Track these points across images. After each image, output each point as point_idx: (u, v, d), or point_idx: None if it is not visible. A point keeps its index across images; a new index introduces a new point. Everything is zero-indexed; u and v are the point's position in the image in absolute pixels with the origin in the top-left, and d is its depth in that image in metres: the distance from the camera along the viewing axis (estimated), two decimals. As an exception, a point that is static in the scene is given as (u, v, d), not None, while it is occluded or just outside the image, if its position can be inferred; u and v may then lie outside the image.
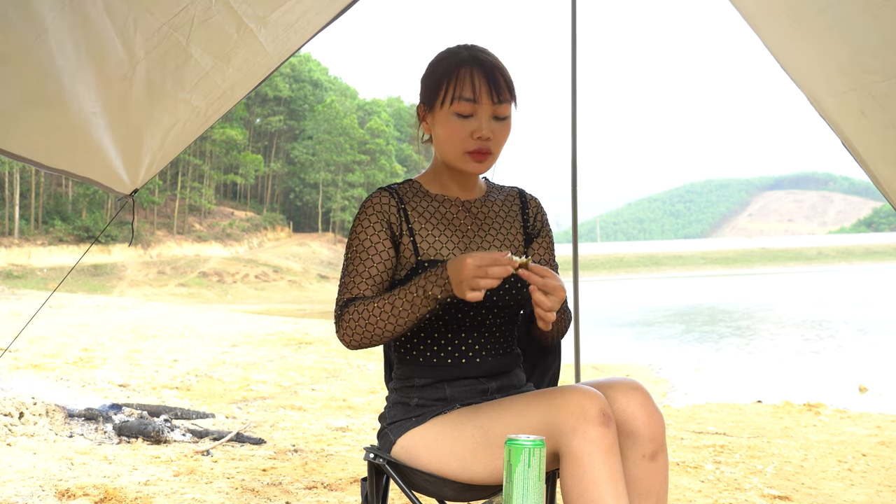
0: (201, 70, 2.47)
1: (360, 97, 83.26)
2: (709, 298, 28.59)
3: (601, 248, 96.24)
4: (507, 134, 1.61)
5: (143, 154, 2.70)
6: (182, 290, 42.21)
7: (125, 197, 2.86)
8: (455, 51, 1.62)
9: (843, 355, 10.90)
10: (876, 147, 2.53)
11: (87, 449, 3.87)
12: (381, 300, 1.51)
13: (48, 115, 2.24)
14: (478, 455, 1.47)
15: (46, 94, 2.15)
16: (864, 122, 2.44)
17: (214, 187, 63.87)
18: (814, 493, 3.33)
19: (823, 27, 2.26)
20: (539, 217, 1.77)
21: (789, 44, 2.52)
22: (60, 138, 2.39)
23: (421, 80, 1.66)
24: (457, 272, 1.41)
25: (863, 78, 2.29)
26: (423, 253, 1.61)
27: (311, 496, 3.17)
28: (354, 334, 1.53)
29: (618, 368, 9.68)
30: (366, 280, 1.58)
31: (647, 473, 1.46)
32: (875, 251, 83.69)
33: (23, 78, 2.04)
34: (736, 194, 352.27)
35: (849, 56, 2.30)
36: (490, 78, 1.56)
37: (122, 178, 2.75)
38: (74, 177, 2.60)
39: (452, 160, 1.61)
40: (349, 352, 10.48)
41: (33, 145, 2.34)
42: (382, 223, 1.60)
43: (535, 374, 1.85)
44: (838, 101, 2.48)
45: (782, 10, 2.37)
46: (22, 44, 1.90)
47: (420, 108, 1.65)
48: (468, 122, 1.56)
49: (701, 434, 4.74)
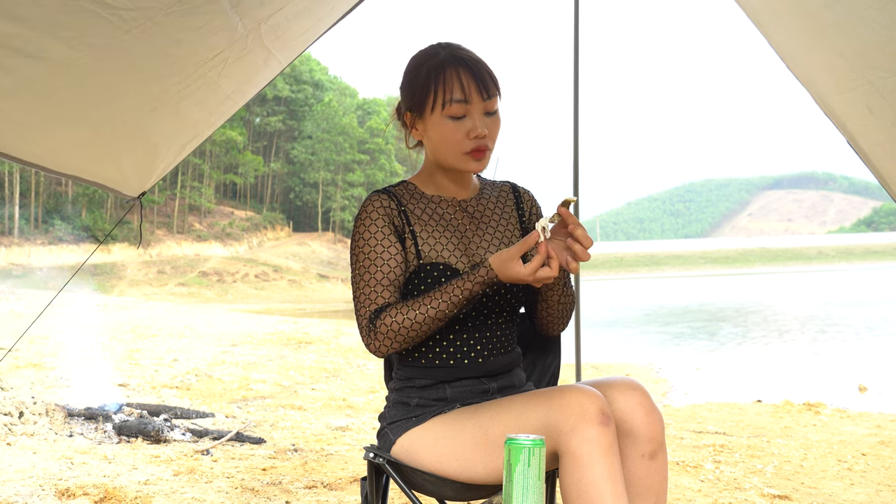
0: (223, 94, 2.53)
1: (360, 96, 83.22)
2: (709, 298, 28.59)
3: (601, 248, 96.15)
4: (499, 127, 1.61)
5: (157, 164, 2.75)
6: (182, 290, 42.20)
7: (132, 200, 2.86)
8: (433, 52, 1.60)
9: (843, 355, 10.90)
10: (882, 144, 2.53)
11: (86, 448, 3.86)
12: (420, 306, 1.50)
13: (65, 129, 2.27)
14: (477, 454, 1.47)
15: (68, 109, 2.17)
16: (871, 119, 2.44)
17: (214, 187, 63.86)
18: (813, 493, 3.33)
19: (830, 22, 2.25)
20: (534, 210, 1.77)
21: (794, 42, 2.52)
22: (75, 150, 2.43)
23: (402, 86, 1.63)
24: (513, 278, 1.44)
25: (870, 74, 2.28)
26: (426, 256, 1.60)
27: (310, 496, 3.17)
28: (394, 343, 1.53)
29: (618, 368, 9.68)
30: (387, 287, 1.56)
31: (646, 473, 1.46)
32: (875, 251, 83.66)
33: (49, 95, 2.06)
34: (736, 194, 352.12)
35: (856, 52, 2.29)
36: (476, 75, 1.56)
37: (130, 184, 2.79)
38: (82, 181, 2.62)
39: (452, 162, 1.60)
40: (349, 352, 10.48)
41: (45, 154, 2.36)
42: (388, 226, 1.59)
43: (535, 373, 1.85)
44: (844, 99, 2.48)
45: (789, 6, 2.37)
46: (64, 56, 1.90)
47: (407, 115, 1.63)
48: (462, 123, 1.56)
49: (701, 434, 4.74)
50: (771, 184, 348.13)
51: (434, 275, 1.58)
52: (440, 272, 1.58)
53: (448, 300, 1.49)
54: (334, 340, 12.13)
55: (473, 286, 1.49)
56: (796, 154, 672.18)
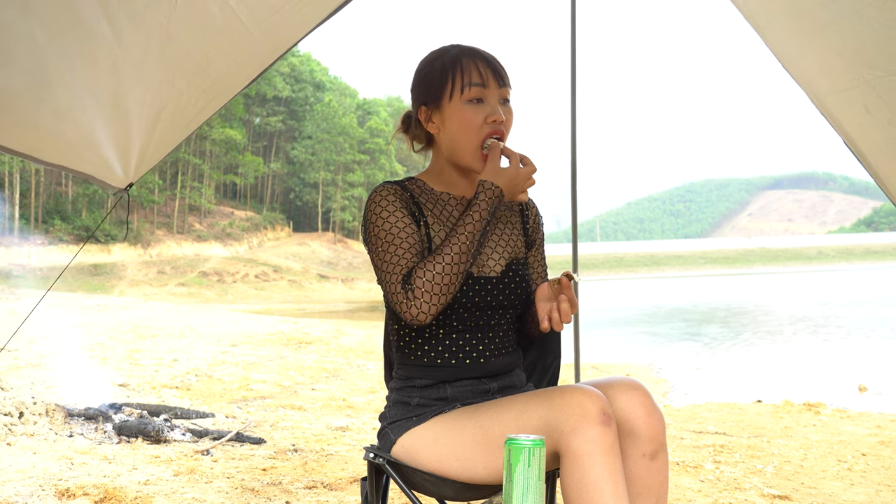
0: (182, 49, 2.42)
1: (360, 97, 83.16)
2: (709, 298, 28.59)
3: (601, 248, 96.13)
4: (512, 118, 1.63)
5: (133, 140, 2.63)
6: (182, 290, 42.20)
7: (120, 191, 2.83)
8: (445, 49, 1.65)
9: (843, 355, 10.90)
10: (879, 144, 2.53)
11: (86, 448, 3.86)
12: (445, 250, 1.50)
13: (35, 102, 2.20)
14: (478, 454, 1.47)
15: (32, 78, 2.11)
16: (867, 118, 2.44)
17: (214, 187, 63.84)
18: (813, 493, 3.33)
19: (826, 22, 2.25)
20: (537, 220, 1.79)
21: (791, 42, 2.52)
22: (49, 127, 2.35)
23: (415, 84, 1.65)
24: (513, 180, 1.55)
25: (866, 73, 2.28)
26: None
27: (310, 496, 3.17)
28: (433, 297, 1.48)
29: (618, 368, 9.68)
30: (412, 255, 1.54)
31: (647, 473, 1.47)
32: (875, 251, 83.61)
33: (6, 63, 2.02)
34: (736, 194, 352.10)
35: (853, 51, 2.29)
36: (491, 64, 1.60)
37: (115, 171, 2.71)
38: (70, 171, 2.58)
39: (468, 156, 1.61)
40: (349, 352, 10.48)
41: (22, 137, 2.31)
42: (403, 208, 1.59)
43: (535, 373, 1.85)
44: (841, 99, 2.48)
45: (784, 6, 2.37)
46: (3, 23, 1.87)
47: (422, 110, 1.64)
48: (481, 108, 1.58)
49: (701, 434, 4.74)
50: (771, 184, 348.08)
51: None
52: None
53: (466, 231, 1.51)
54: (334, 340, 12.13)
55: (481, 205, 1.53)
56: (796, 154, 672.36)
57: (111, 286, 42.03)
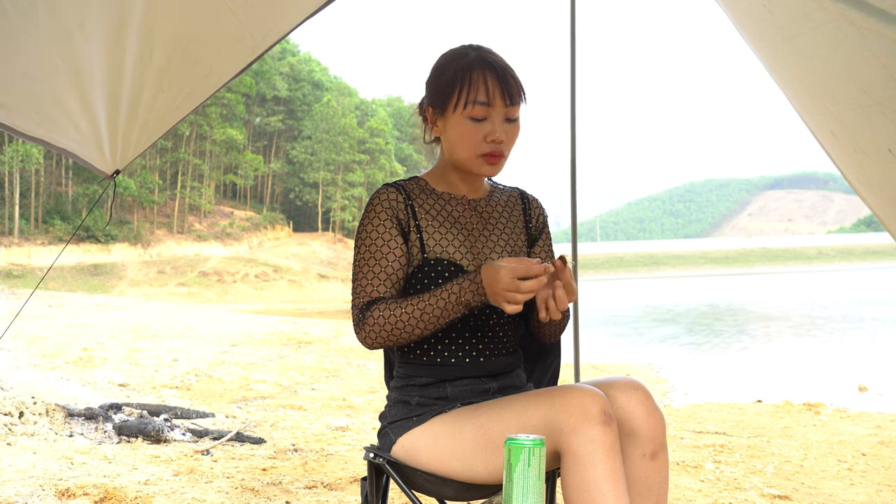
0: (159, 22, 2.27)
1: (360, 96, 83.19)
2: (709, 298, 28.59)
3: (601, 248, 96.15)
4: (517, 135, 1.62)
5: (114, 118, 2.49)
6: (182, 290, 42.22)
7: (107, 178, 2.77)
8: (463, 52, 1.61)
9: (843, 355, 10.90)
10: (848, 166, 2.60)
11: (86, 448, 3.86)
12: (408, 305, 1.51)
13: (8, 61, 2.07)
14: (478, 454, 1.47)
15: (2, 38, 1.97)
16: (835, 142, 2.51)
17: (214, 187, 63.85)
18: (814, 493, 3.33)
19: (788, 54, 2.30)
20: (540, 219, 1.79)
21: (774, 60, 2.58)
22: (24, 91, 2.21)
23: (428, 82, 1.65)
24: (491, 283, 1.42)
25: (830, 105, 2.33)
26: (430, 251, 1.61)
27: (310, 496, 3.17)
28: (378, 337, 1.53)
29: (618, 368, 9.68)
30: (383, 281, 1.58)
31: (647, 473, 1.47)
32: (875, 251, 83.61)
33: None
34: (736, 194, 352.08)
35: (816, 84, 2.35)
36: (502, 80, 1.57)
37: (103, 153, 2.60)
38: (53, 147, 2.44)
39: (465, 163, 1.61)
40: (349, 351, 10.48)
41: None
42: (392, 220, 1.60)
43: (535, 373, 1.85)
44: (812, 121, 2.58)
45: (759, 31, 2.43)
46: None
47: (428, 110, 1.64)
48: (482, 126, 1.57)
49: (701, 434, 4.74)
50: (771, 184, 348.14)
51: (438, 269, 1.59)
52: (444, 268, 1.59)
53: (436, 303, 1.49)
54: (334, 340, 12.13)
55: (460, 289, 1.48)
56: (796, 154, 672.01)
57: (111, 286, 42.05)
